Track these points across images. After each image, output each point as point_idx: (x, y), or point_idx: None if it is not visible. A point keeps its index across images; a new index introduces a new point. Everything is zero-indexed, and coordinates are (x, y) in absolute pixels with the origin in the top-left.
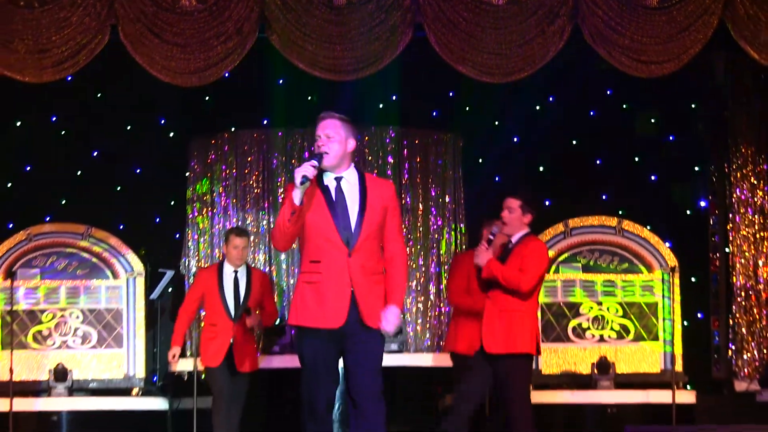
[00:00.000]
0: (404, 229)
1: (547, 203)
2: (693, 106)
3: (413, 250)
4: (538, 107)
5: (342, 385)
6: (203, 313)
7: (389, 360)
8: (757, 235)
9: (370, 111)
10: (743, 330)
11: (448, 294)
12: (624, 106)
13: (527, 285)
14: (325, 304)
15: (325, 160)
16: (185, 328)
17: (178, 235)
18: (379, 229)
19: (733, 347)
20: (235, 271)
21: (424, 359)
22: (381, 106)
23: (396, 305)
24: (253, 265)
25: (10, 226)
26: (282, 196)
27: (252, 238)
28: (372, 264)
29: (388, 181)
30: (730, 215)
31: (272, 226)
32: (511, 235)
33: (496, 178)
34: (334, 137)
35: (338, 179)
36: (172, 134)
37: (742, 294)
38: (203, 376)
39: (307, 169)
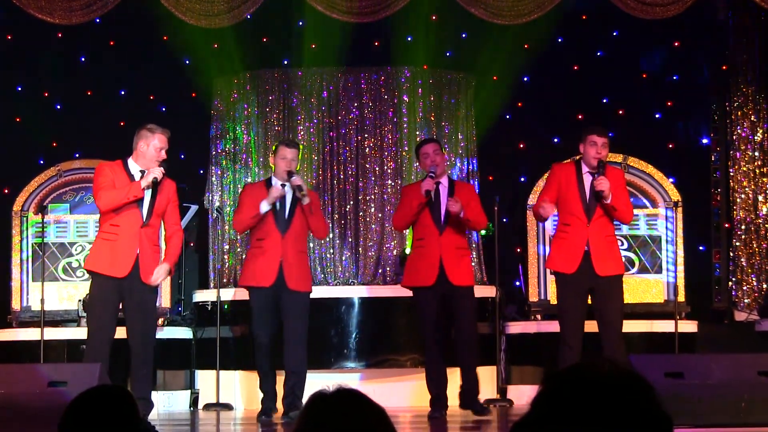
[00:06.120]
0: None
1: (555, 140)
2: (695, 46)
3: None
4: (547, 48)
5: None
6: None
7: (388, 291)
8: (757, 171)
9: (385, 52)
10: (743, 262)
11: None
12: (629, 47)
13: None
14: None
15: None
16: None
17: (202, 171)
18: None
19: (734, 279)
20: (283, 185)
21: None
22: (396, 47)
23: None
24: None
25: (41, 162)
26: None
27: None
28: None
29: None
30: (731, 152)
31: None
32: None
33: (507, 116)
34: None
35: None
36: (196, 74)
37: (742, 228)
38: (226, 306)
39: None
